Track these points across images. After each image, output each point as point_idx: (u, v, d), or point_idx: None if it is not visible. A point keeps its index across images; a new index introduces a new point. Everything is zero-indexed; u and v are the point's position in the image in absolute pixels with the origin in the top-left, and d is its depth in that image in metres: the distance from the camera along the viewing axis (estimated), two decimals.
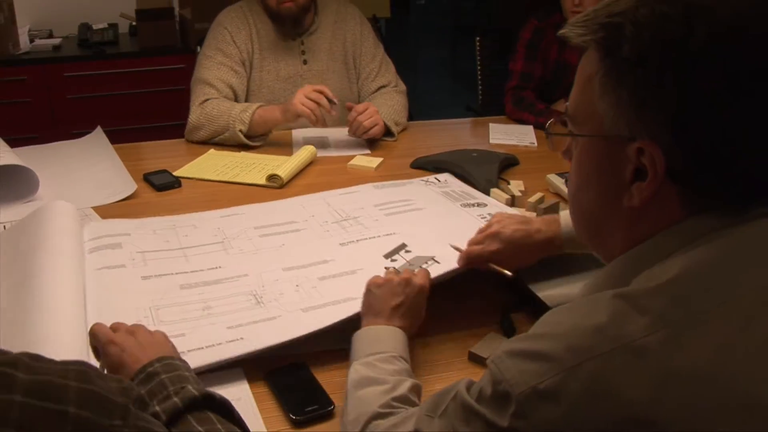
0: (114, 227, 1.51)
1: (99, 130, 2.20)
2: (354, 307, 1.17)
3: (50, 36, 3.67)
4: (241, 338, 1.14)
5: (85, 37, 3.55)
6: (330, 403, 1.04)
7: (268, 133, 2.17)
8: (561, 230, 1.20)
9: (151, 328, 1.13)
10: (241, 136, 2.08)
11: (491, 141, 2.26)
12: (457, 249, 1.29)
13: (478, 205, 1.64)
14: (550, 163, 2.03)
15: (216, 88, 2.18)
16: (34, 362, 0.56)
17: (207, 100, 2.15)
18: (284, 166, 1.90)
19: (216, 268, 1.38)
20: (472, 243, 1.27)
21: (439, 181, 1.83)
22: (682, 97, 0.64)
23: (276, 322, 1.19)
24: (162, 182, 1.85)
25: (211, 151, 2.10)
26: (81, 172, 1.91)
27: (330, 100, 2.04)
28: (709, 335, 0.61)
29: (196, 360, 1.07)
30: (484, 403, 0.67)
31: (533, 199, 1.71)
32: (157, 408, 0.79)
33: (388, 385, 0.93)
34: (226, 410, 0.82)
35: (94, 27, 3.60)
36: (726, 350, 0.60)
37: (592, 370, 0.61)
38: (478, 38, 2.97)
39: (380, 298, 1.11)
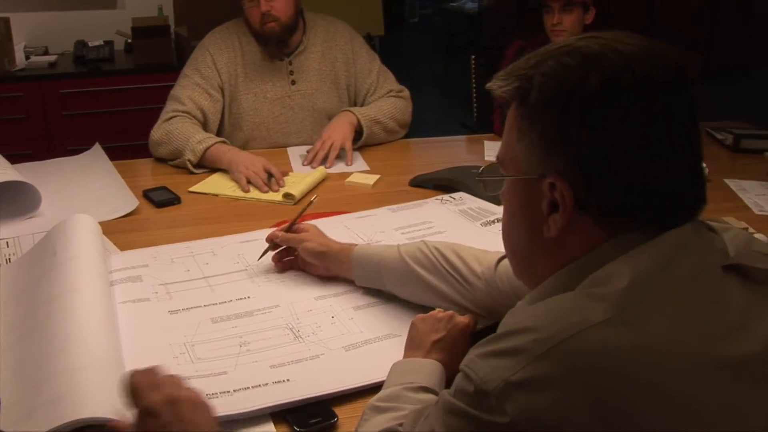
0: (131, 259, 1.50)
1: (98, 146, 2.22)
2: (398, 347, 1.18)
3: (45, 53, 3.68)
4: (288, 380, 1.12)
5: (80, 54, 3.57)
6: (333, 415, 1.05)
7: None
8: (351, 266, 1.36)
9: (189, 365, 1.15)
10: (189, 165, 2.07)
11: (486, 158, 2.29)
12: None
13: (498, 221, 1.66)
14: None
15: (185, 106, 2.18)
16: None
17: (173, 117, 2.16)
18: (298, 185, 1.94)
19: (245, 298, 1.37)
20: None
21: (454, 199, 1.85)
22: (581, 137, 0.72)
23: (321, 362, 1.17)
24: (161, 199, 1.87)
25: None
26: (81, 188, 1.93)
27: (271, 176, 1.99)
28: (665, 308, 0.68)
29: (243, 402, 1.06)
30: (465, 400, 0.69)
31: None
32: None
33: (402, 412, 0.94)
34: None
35: (90, 44, 3.62)
36: (678, 320, 0.68)
37: (560, 354, 0.65)
38: (473, 56, 3.01)
39: (422, 331, 1.14)
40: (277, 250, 1.47)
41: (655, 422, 0.64)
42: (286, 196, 1.90)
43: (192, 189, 1.96)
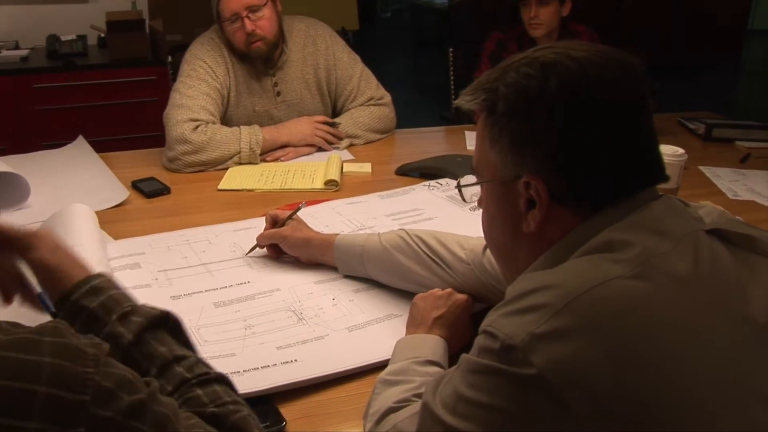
0: (127, 247, 1.51)
1: (81, 139, 2.21)
2: (399, 326, 1.21)
3: (16, 47, 3.64)
4: (295, 360, 1.15)
5: (53, 49, 3.53)
6: (282, 419, 1.04)
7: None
8: (334, 255, 1.40)
9: (197, 348, 1.15)
10: (238, 161, 2.09)
11: (468, 147, 2.33)
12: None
13: None
14: None
15: (204, 115, 2.11)
16: (12, 327, 0.62)
17: (199, 125, 2.07)
18: (331, 171, 1.97)
19: (245, 283, 1.39)
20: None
21: (441, 185, 1.88)
22: (549, 136, 0.79)
23: (326, 342, 1.20)
24: (151, 189, 1.87)
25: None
26: (69, 180, 1.92)
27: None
28: (676, 265, 0.74)
29: (253, 382, 1.08)
30: (489, 357, 0.72)
31: None
32: (121, 329, 0.82)
33: (413, 384, 0.97)
34: (177, 327, 0.88)
35: (63, 38, 3.58)
36: (690, 277, 0.74)
37: (581, 305, 0.69)
38: (451, 50, 3.06)
39: (423, 309, 1.18)
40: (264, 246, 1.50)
41: (667, 376, 0.68)
42: (329, 183, 1.93)
43: (221, 187, 1.94)
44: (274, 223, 1.49)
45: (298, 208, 1.52)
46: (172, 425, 0.67)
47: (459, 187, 1.05)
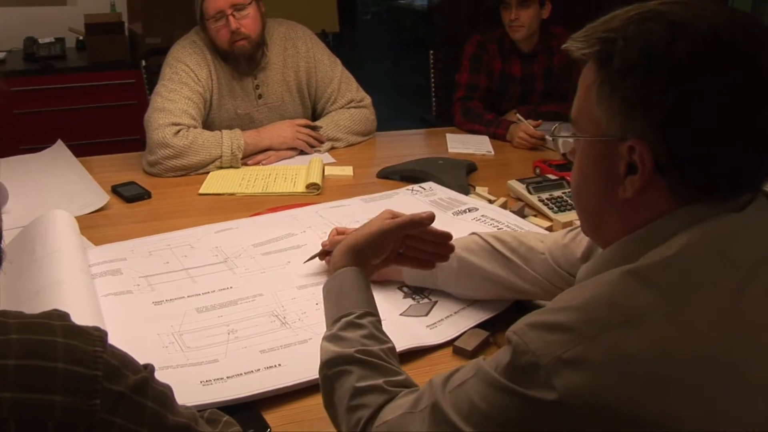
0: (108, 253, 1.49)
1: (60, 143, 2.19)
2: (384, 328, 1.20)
3: None
4: (279, 365, 1.14)
5: (31, 51, 3.50)
6: (266, 426, 1.04)
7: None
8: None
9: (180, 354, 1.16)
10: (220, 164, 2.09)
11: (450, 150, 2.34)
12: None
13: (469, 210, 1.70)
14: (509, 170, 2.13)
15: (185, 119, 2.10)
16: (18, 314, 0.67)
17: (180, 130, 2.05)
18: (312, 174, 1.97)
19: (228, 288, 1.38)
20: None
21: (424, 189, 1.88)
22: (665, 102, 0.73)
23: (309, 346, 1.19)
24: (132, 193, 1.87)
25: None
26: (48, 184, 1.91)
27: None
28: (704, 316, 0.69)
29: (237, 388, 1.07)
30: (508, 376, 0.71)
31: (498, 203, 1.79)
32: None
33: (366, 371, 0.92)
34: None
35: (40, 41, 3.54)
36: (717, 326, 0.69)
37: (609, 341, 0.68)
38: (431, 52, 3.07)
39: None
40: (326, 257, 1.40)
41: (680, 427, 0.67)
42: (310, 186, 1.93)
43: (202, 191, 1.94)
44: (339, 234, 1.40)
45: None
46: (170, 402, 0.73)
47: (554, 136, 0.95)
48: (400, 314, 1.30)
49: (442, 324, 1.28)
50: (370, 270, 1.09)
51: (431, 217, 1.10)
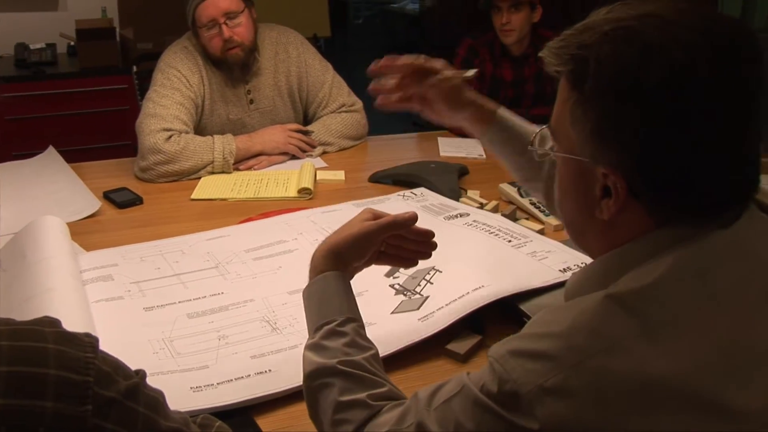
0: (99, 259, 1.49)
1: (51, 149, 2.19)
2: (374, 334, 1.18)
3: None
4: (270, 370, 1.14)
5: (22, 57, 3.50)
6: (259, 431, 1.03)
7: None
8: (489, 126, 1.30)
9: (170, 360, 1.15)
10: (212, 169, 2.09)
11: (441, 154, 2.35)
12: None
13: (461, 215, 1.70)
14: (500, 173, 2.12)
15: (177, 125, 2.09)
16: (8, 321, 0.66)
17: (172, 135, 2.05)
18: (304, 179, 1.97)
19: (219, 294, 1.38)
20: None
21: (415, 195, 1.89)
22: (638, 131, 0.70)
23: (300, 352, 1.14)
24: (123, 199, 1.86)
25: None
26: (39, 190, 1.90)
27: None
28: (684, 340, 0.68)
29: (228, 395, 1.07)
30: (493, 399, 0.71)
31: (489, 207, 1.80)
32: None
33: (350, 382, 0.91)
34: None
35: (31, 47, 3.54)
36: (697, 356, 0.68)
37: (591, 368, 0.67)
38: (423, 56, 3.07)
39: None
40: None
41: None
42: (302, 191, 1.93)
43: (194, 196, 1.94)
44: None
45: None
46: (161, 408, 0.73)
47: (533, 149, 0.94)
48: (392, 312, 1.31)
49: (433, 316, 1.28)
50: (351, 272, 1.07)
51: (414, 218, 1.07)
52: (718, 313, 0.70)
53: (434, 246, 1.13)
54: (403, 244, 1.10)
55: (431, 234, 1.11)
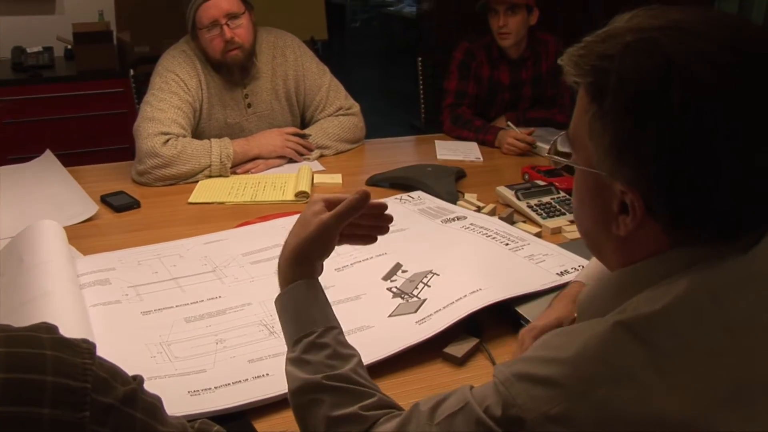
0: (96, 263, 1.49)
1: (48, 153, 2.19)
2: (371, 338, 1.20)
3: None
4: (267, 374, 1.14)
5: (19, 61, 3.49)
6: None
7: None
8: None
9: (168, 364, 1.15)
10: (209, 173, 2.09)
11: (439, 157, 2.35)
12: None
13: (458, 218, 1.70)
14: (498, 176, 2.14)
15: (175, 129, 2.09)
16: (5, 326, 0.66)
17: (169, 139, 2.05)
18: (302, 182, 1.98)
19: (216, 298, 1.38)
20: None
21: (413, 198, 1.89)
22: (658, 150, 0.68)
23: None
24: (121, 203, 1.86)
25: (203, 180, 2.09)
26: (37, 194, 1.90)
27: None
28: (693, 373, 0.67)
29: (225, 398, 1.07)
30: (496, 422, 0.70)
31: (486, 210, 1.80)
32: None
33: (338, 396, 0.89)
34: None
35: (28, 50, 3.54)
36: (704, 391, 0.66)
37: (598, 398, 0.66)
38: (419, 59, 3.08)
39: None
40: None
41: None
42: (299, 194, 1.93)
43: (192, 200, 1.94)
44: None
45: None
46: (159, 414, 0.73)
47: (551, 156, 0.93)
48: (389, 315, 1.31)
49: (431, 319, 1.28)
50: (320, 269, 1.01)
51: (367, 196, 1.00)
52: (730, 343, 0.68)
53: (390, 219, 1.07)
54: (359, 221, 1.05)
55: (384, 206, 1.07)
